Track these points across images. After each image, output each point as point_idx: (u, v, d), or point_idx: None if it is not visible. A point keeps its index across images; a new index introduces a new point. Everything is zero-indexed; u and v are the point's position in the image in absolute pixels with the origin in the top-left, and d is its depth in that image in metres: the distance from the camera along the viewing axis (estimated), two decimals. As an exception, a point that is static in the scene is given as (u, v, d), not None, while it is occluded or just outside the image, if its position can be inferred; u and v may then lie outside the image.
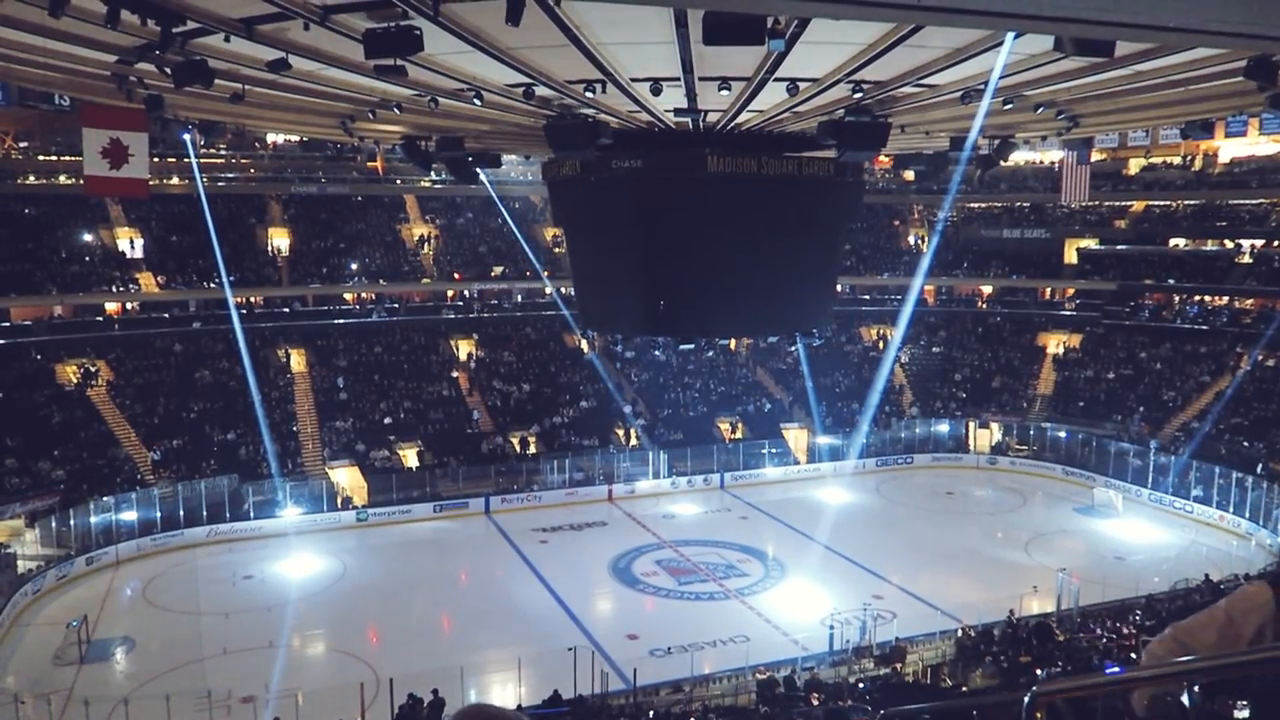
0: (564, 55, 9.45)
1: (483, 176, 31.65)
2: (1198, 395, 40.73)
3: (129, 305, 41.90)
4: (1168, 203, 48.34)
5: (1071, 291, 48.72)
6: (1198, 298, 45.13)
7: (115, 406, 37.30)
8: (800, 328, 16.98)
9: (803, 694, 18.22)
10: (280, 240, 46.18)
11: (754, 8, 6.73)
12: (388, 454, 38.52)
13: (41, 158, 43.13)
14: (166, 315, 42.08)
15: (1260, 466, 34.53)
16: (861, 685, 19.24)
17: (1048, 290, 49.62)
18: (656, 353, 45.80)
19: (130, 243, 43.16)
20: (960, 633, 22.30)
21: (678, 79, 10.54)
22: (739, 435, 43.16)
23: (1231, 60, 9.46)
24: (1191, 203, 47.42)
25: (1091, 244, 49.12)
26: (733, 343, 47.00)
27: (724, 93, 11.05)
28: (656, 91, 11.00)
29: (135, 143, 14.97)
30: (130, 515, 31.68)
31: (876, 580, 28.69)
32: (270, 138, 46.96)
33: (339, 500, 35.99)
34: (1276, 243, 43.70)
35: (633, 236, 14.61)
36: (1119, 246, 48.13)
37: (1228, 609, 2.39)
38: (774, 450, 42.16)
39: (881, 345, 49.71)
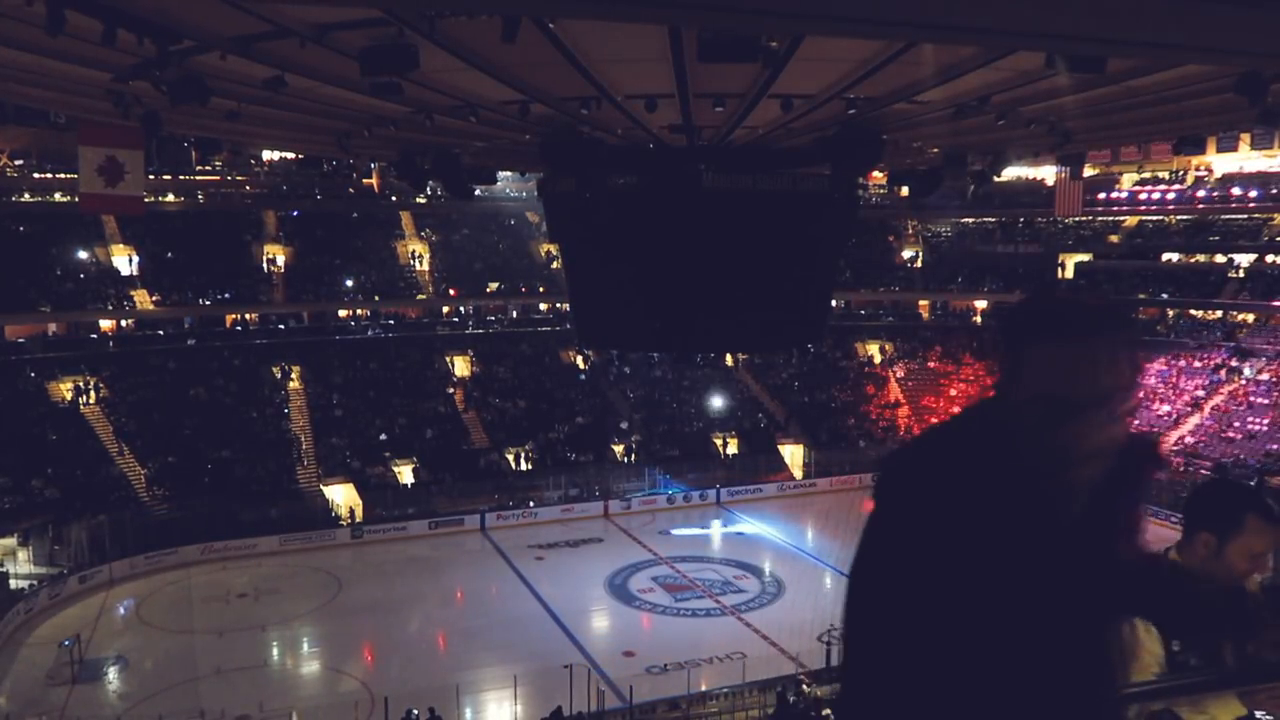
0: (559, 72, 9.49)
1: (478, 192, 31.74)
2: (1192, 409, 40.83)
3: (124, 323, 41.83)
4: (1161, 217, 48.63)
5: (1066, 306, 48.82)
6: (1191, 311, 45.30)
7: (109, 424, 37.20)
8: (796, 343, 17.04)
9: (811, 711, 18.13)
10: (276, 257, 46.21)
11: (748, 26, 6.78)
12: (383, 470, 38.43)
13: (37, 175, 43.16)
14: (161, 333, 42.02)
15: (1256, 480, 34.55)
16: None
17: (1042, 305, 49.74)
18: (656, 372, 45.85)
19: (126, 260, 43.14)
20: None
21: (672, 95, 10.59)
22: (735, 450, 43.13)
23: (1222, 76, 9.53)
24: (1184, 217, 47.70)
25: (1085, 259, 49.34)
26: (729, 358, 47.04)
27: (719, 109, 11.10)
28: (652, 108, 11.06)
29: (131, 160, 15.01)
30: (123, 533, 31.51)
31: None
32: (266, 154, 47.04)
33: (334, 517, 35.86)
34: (1269, 257, 43.93)
35: (629, 252, 14.64)
36: (1113, 261, 48.34)
37: None
38: (770, 465, 42.19)
39: (876, 361, 49.83)
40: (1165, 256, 47.48)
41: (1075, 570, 1.69)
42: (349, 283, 46.05)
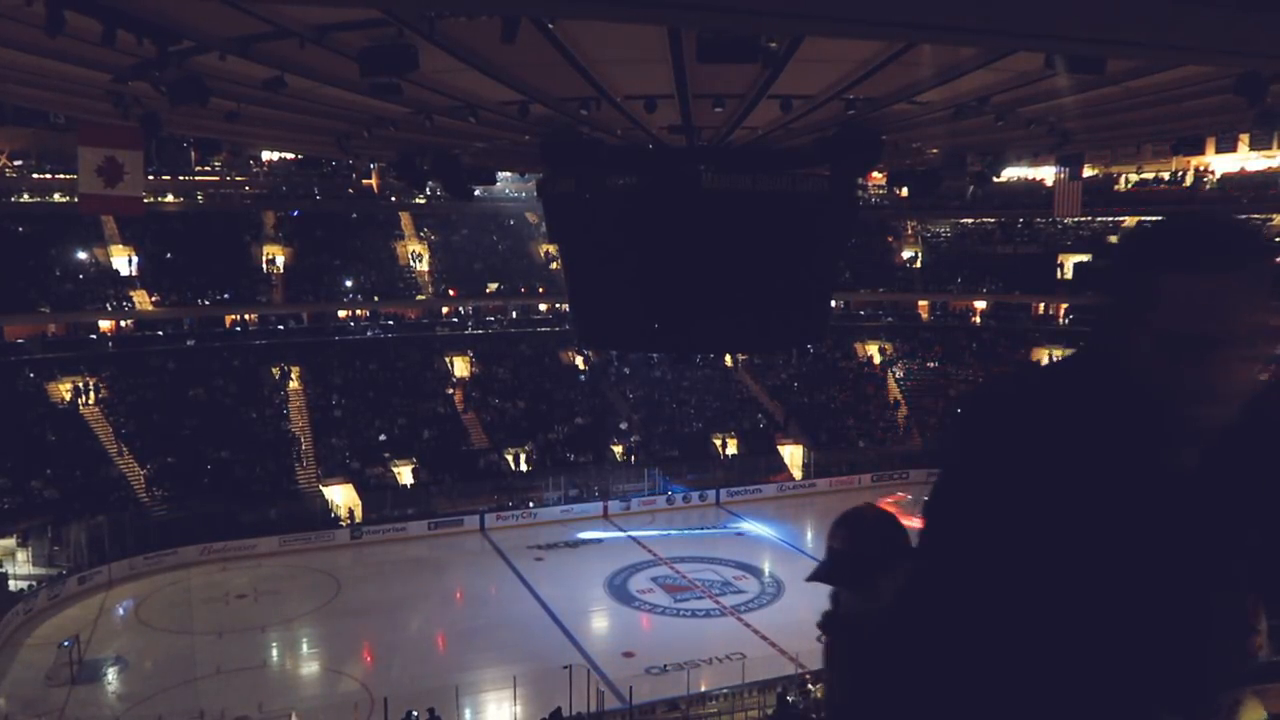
0: (559, 72, 9.49)
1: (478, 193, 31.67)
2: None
3: (123, 323, 41.81)
4: (1160, 218, 48.62)
5: (1065, 306, 48.91)
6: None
7: (108, 424, 37.18)
8: (796, 343, 17.03)
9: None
10: (275, 257, 46.19)
11: (747, 26, 6.77)
12: (383, 471, 38.42)
13: (36, 175, 43.11)
14: (160, 333, 41.99)
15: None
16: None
17: (1041, 305, 49.83)
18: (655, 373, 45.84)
19: (126, 260, 43.11)
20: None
21: (672, 96, 10.59)
22: (735, 450, 43.13)
23: (1222, 76, 9.54)
24: (1183, 218, 47.77)
25: (1085, 259, 49.32)
26: (729, 358, 47.03)
27: (718, 110, 11.11)
28: (651, 108, 11.06)
29: (130, 161, 14.98)
30: (123, 533, 31.49)
31: (873, 596, 28.57)
32: (266, 155, 47.01)
33: (334, 517, 35.86)
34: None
35: (628, 253, 14.65)
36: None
37: None
38: (770, 465, 42.20)
39: (876, 361, 49.84)
40: (1165, 257, 47.43)
41: (1185, 525, 1.48)
42: (348, 283, 46.00)
